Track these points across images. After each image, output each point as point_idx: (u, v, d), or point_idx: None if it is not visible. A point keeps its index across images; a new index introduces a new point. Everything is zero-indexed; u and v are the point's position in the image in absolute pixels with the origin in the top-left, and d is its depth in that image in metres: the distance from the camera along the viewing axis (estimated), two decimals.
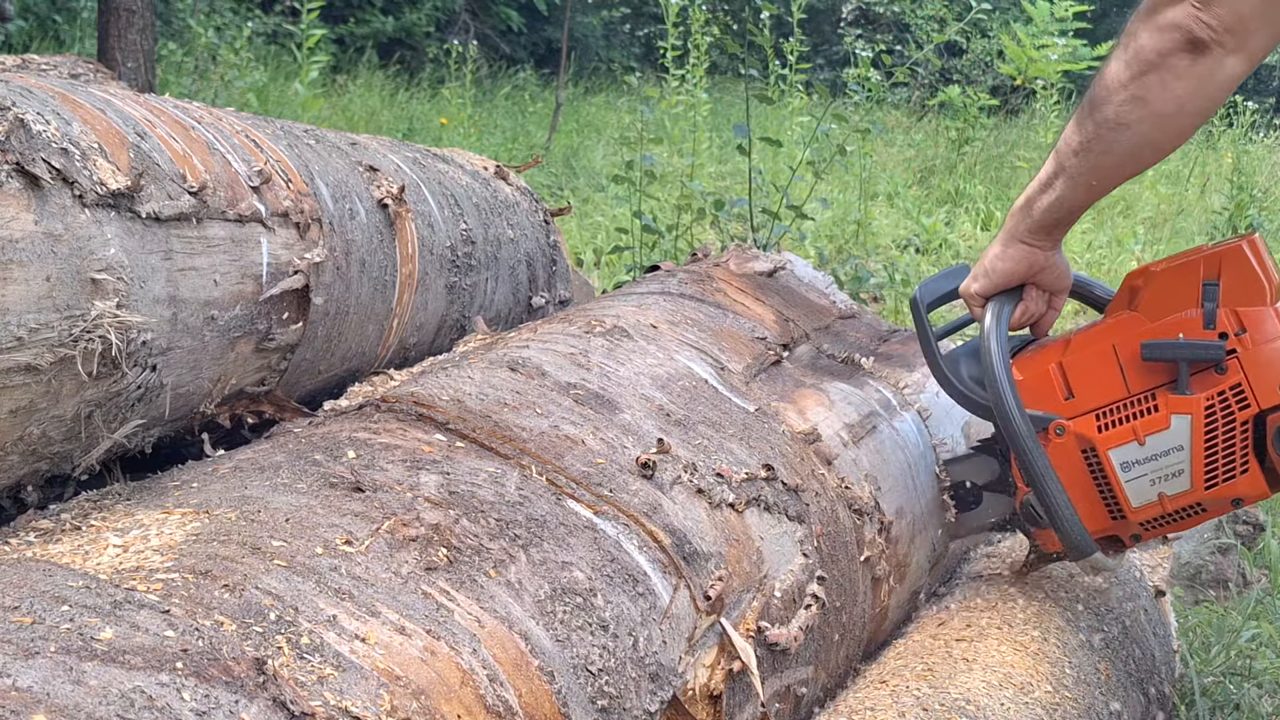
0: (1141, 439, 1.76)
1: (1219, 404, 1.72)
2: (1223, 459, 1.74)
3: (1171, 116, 1.60)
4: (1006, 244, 1.82)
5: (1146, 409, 1.76)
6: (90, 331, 1.27)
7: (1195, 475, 1.75)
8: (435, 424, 1.49)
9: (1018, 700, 1.63)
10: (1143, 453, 1.77)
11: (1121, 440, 1.78)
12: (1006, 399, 1.80)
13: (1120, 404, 1.78)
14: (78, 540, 1.18)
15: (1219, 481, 1.75)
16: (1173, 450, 1.75)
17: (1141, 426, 1.76)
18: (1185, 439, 1.74)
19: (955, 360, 1.95)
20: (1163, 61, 1.56)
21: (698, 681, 1.40)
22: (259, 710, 0.95)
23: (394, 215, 1.93)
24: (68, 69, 1.92)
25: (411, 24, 11.87)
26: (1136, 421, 1.77)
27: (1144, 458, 1.77)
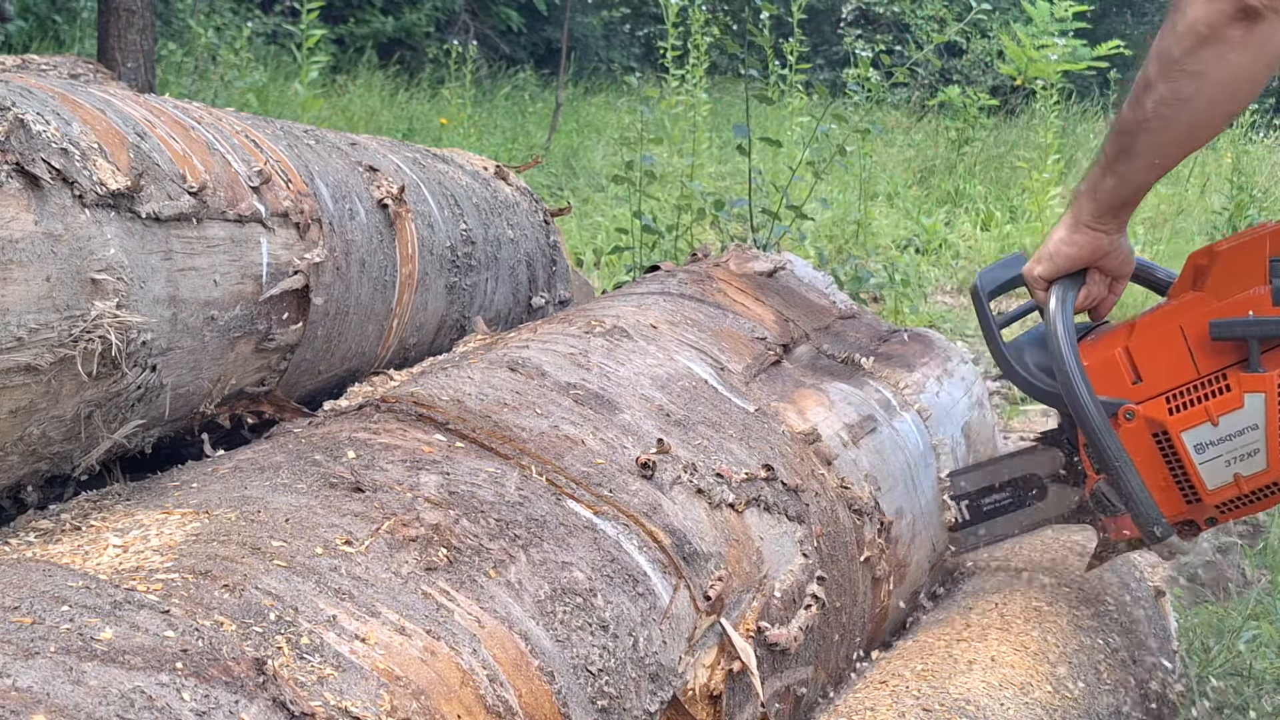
0: (1215, 419, 1.74)
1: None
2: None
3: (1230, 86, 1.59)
4: (1072, 229, 1.81)
5: (1218, 389, 1.75)
6: (90, 332, 1.26)
7: (1272, 454, 1.73)
8: (435, 424, 1.49)
9: (1017, 700, 1.63)
10: (1217, 433, 1.75)
11: (1195, 422, 1.76)
12: (1077, 384, 1.78)
13: (1191, 385, 1.77)
14: (78, 540, 1.18)
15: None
16: (1248, 430, 1.74)
17: (1215, 407, 1.74)
18: (1260, 417, 1.72)
19: (1019, 349, 1.93)
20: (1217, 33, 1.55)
21: (698, 682, 1.40)
22: (259, 710, 0.95)
23: (394, 215, 1.93)
24: (67, 69, 1.92)
25: (411, 24, 11.87)
26: (1209, 402, 1.75)
27: (1218, 438, 1.75)
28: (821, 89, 5.11)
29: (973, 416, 2.42)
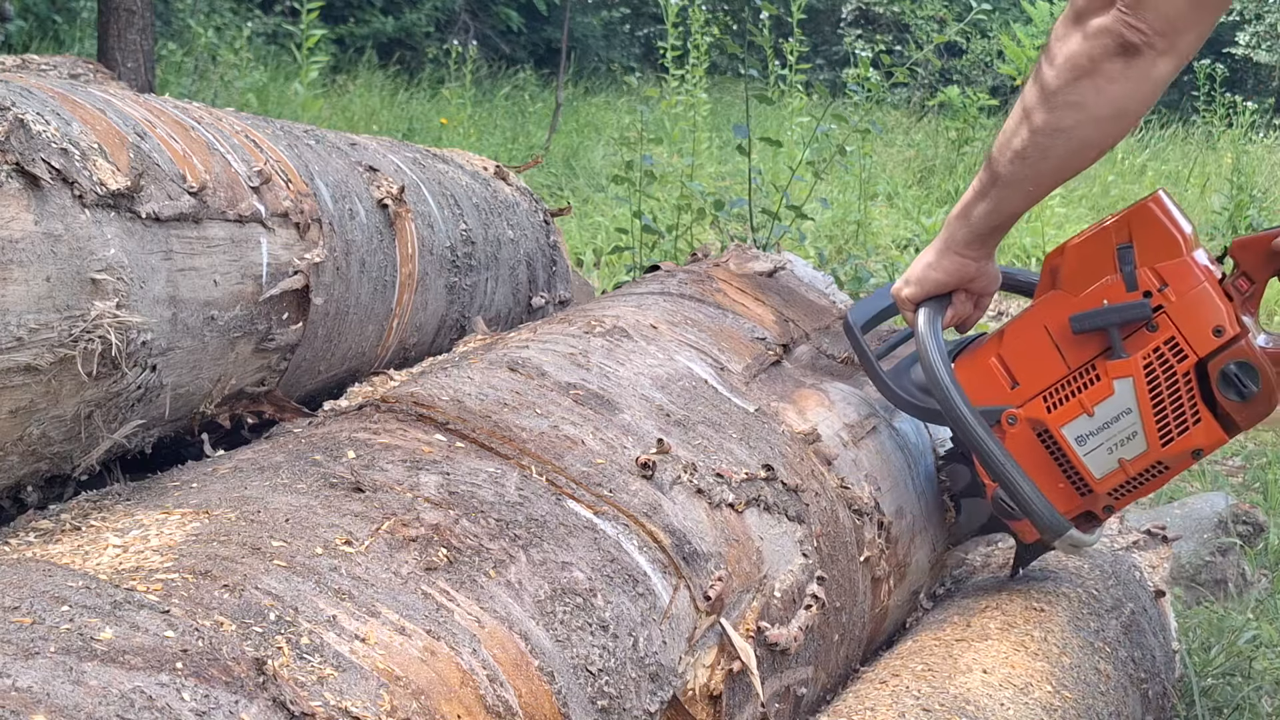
0: (1090, 410, 1.78)
1: (1156, 360, 1.74)
2: (1173, 414, 1.75)
3: (1109, 119, 1.63)
4: (941, 254, 1.86)
5: (1089, 380, 1.78)
6: (90, 332, 1.26)
7: (1149, 435, 1.76)
8: (435, 424, 1.49)
9: (1017, 700, 1.63)
10: (1094, 423, 1.79)
11: (1071, 415, 1.80)
12: (953, 398, 1.82)
13: (1063, 381, 1.81)
14: (77, 540, 1.18)
15: (1174, 436, 1.76)
16: (1122, 415, 1.77)
17: (1088, 398, 1.78)
18: (1131, 401, 1.76)
19: (899, 373, 1.99)
20: (1096, 67, 1.59)
21: (697, 682, 1.40)
22: (259, 710, 0.95)
23: (394, 215, 1.93)
24: (67, 69, 1.92)
25: (411, 24, 11.87)
26: (1082, 394, 1.79)
27: (1096, 428, 1.79)
28: (821, 89, 5.11)
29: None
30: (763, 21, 6.98)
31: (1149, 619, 2.13)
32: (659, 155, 6.50)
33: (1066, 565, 2.12)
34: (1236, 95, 11.37)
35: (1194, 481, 3.91)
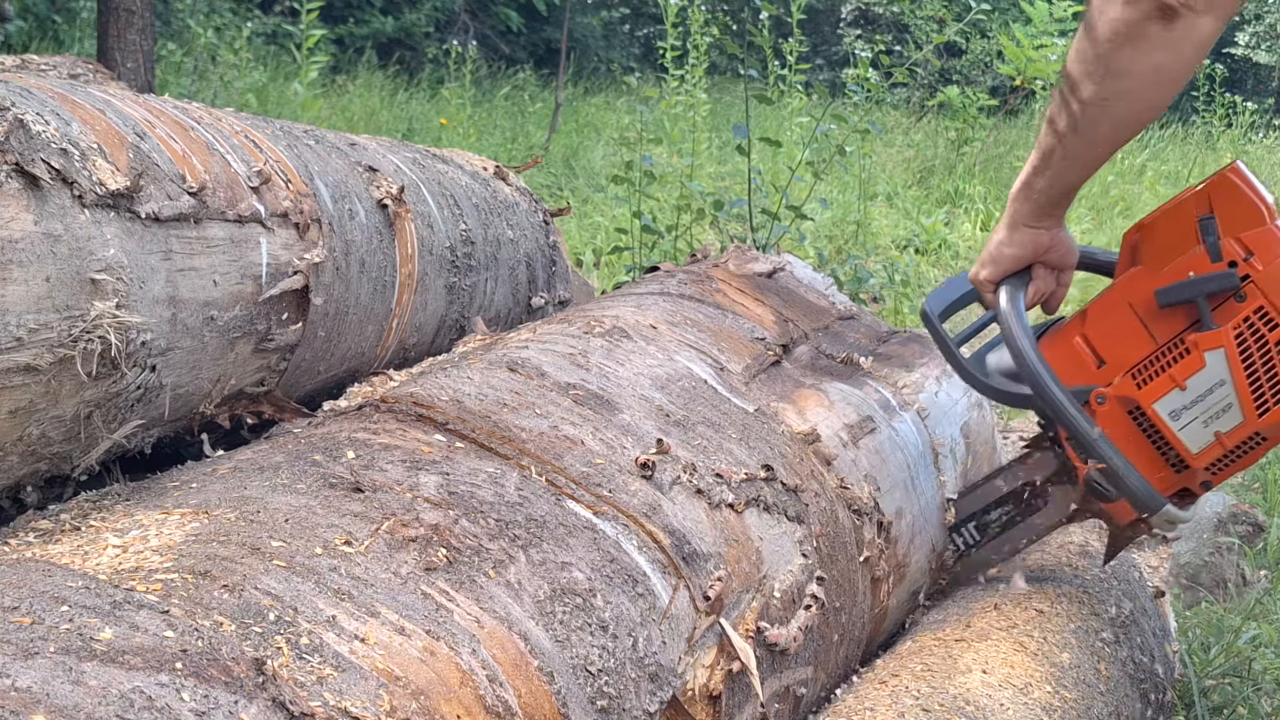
0: (1182, 384, 1.77)
1: (1247, 330, 1.73)
2: (1268, 383, 1.74)
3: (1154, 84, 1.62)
4: (1011, 229, 1.84)
5: (1179, 354, 1.77)
6: (90, 332, 1.26)
7: (1245, 406, 1.75)
8: (435, 424, 1.49)
9: (1017, 701, 1.63)
10: (1187, 397, 1.77)
11: (1163, 391, 1.78)
12: (1043, 377, 1.80)
13: (1152, 357, 1.79)
14: (77, 541, 1.18)
15: (1270, 406, 1.75)
16: (1215, 387, 1.76)
17: (1179, 372, 1.77)
18: (1224, 373, 1.75)
19: (980, 360, 1.95)
20: (1137, 32, 1.58)
21: (697, 682, 1.40)
22: (258, 710, 0.95)
23: (393, 216, 1.93)
24: (67, 69, 1.92)
25: (411, 24, 11.87)
26: (1173, 369, 1.77)
27: (1190, 402, 1.77)
28: (821, 89, 5.11)
29: (972, 417, 2.42)
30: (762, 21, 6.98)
31: (1149, 619, 2.13)
32: (658, 155, 6.50)
33: (1067, 566, 2.12)
34: (1236, 95, 11.38)
35: None
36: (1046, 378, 1.80)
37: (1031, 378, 1.81)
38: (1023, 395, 1.87)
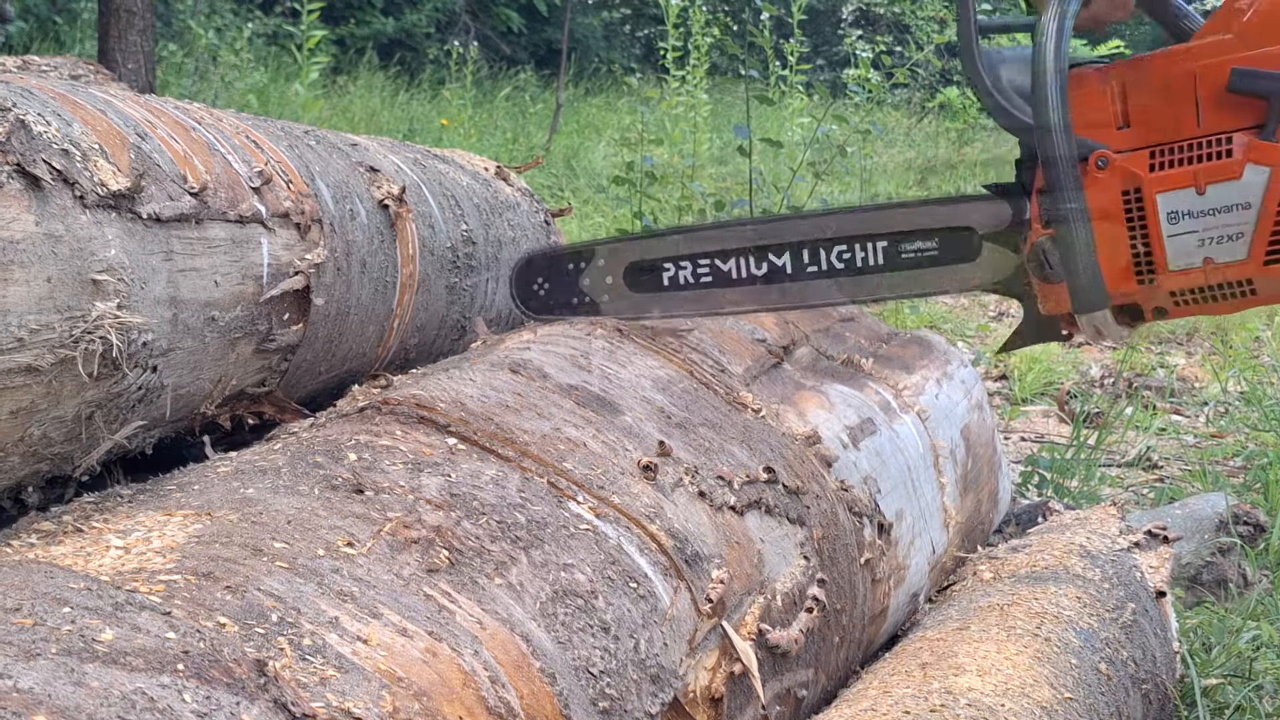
0: (1202, 187, 1.49)
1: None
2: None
3: None
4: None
5: (1218, 153, 1.49)
6: (91, 332, 1.26)
7: (1256, 243, 1.49)
8: (437, 426, 1.49)
9: (1018, 701, 1.63)
10: (1200, 204, 1.50)
11: (1176, 184, 1.51)
12: (1054, 111, 1.52)
13: (1185, 144, 1.51)
14: (79, 542, 1.18)
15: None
16: (1238, 207, 1.49)
17: (1205, 172, 1.49)
18: (1257, 196, 1.48)
19: (997, 61, 1.65)
20: None
21: (699, 684, 1.40)
22: (260, 712, 0.95)
23: (395, 216, 1.93)
24: (68, 70, 1.92)
25: (412, 25, 11.87)
26: (1201, 165, 1.50)
27: (1200, 210, 1.50)
28: (822, 89, 5.12)
29: (972, 419, 2.42)
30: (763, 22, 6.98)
31: (1150, 619, 2.13)
32: (659, 156, 6.50)
33: (1068, 566, 2.12)
34: None
35: (1195, 482, 3.91)
36: (1058, 110, 1.52)
37: (1039, 102, 1.54)
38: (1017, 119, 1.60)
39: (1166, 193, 1.52)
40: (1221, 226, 1.50)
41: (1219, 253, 1.51)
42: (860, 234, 1.82)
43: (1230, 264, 1.51)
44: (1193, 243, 1.52)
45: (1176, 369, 5.62)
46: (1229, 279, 1.52)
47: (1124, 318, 1.61)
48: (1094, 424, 4.27)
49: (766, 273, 1.86)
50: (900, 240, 1.79)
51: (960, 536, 2.30)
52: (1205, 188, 1.49)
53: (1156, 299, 1.58)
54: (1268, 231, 1.48)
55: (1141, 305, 1.60)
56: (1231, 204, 1.49)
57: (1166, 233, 1.52)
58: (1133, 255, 1.56)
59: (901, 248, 1.80)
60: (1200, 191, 1.50)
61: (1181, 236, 1.52)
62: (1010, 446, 4.26)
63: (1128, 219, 1.55)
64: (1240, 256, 1.50)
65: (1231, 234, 1.50)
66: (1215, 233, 1.51)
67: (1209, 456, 4.26)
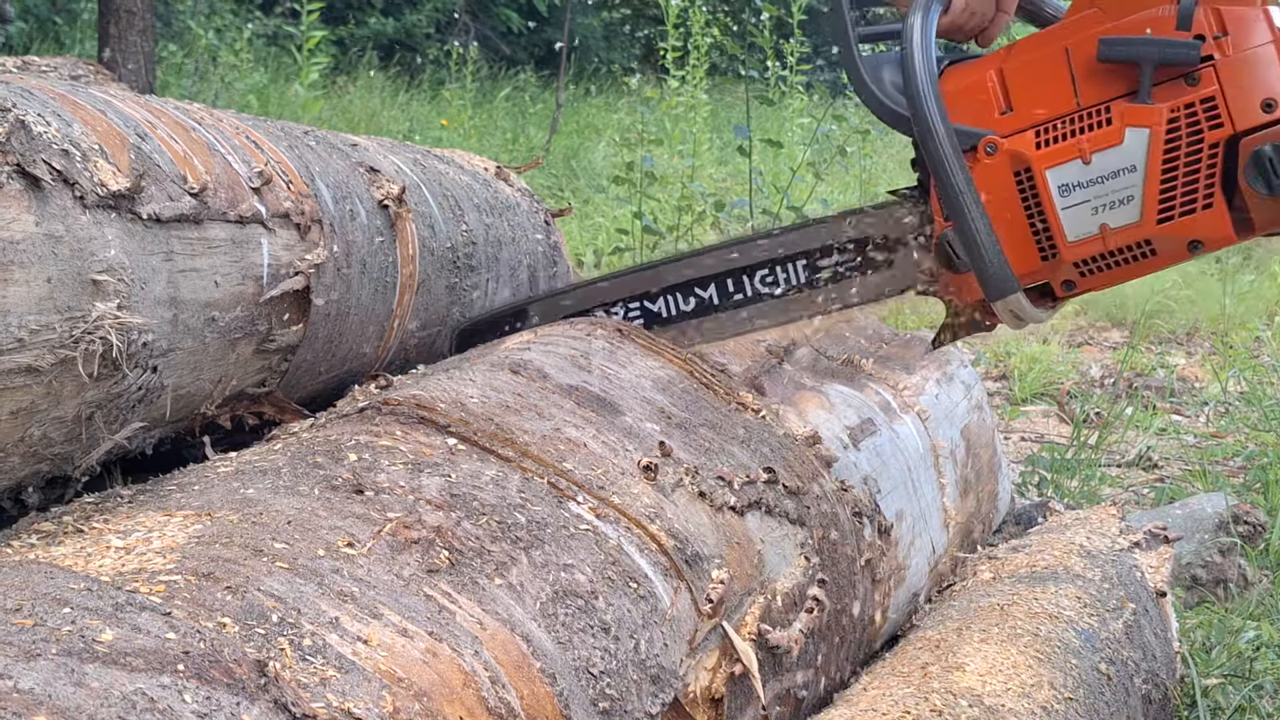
0: (1087, 156, 1.52)
1: (1185, 118, 1.49)
2: (1183, 187, 1.50)
3: None
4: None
5: (1098, 122, 1.52)
6: (91, 333, 1.26)
7: (1147, 204, 1.51)
8: (437, 427, 1.49)
9: (1018, 701, 1.63)
10: (1088, 173, 1.52)
11: (1064, 158, 1.54)
12: (927, 104, 1.55)
13: (1068, 118, 1.54)
14: (80, 543, 1.18)
15: (1175, 215, 1.51)
16: (1124, 171, 1.51)
17: (1089, 142, 1.52)
18: (1140, 158, 1.50)
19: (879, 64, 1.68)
20: None
21: (699, 684, 1.40)
22: (260, 712, 0.95)
23: (395, 216, 1.93)
24: (68, 71, 1.92)
25: (411, 25, 11.88)
26: (1084, 136, 1.52)
27: (1089, 179, 1.53)
28: (822, 89, 5.12)
29: (972, 419, 2.42)
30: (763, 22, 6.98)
31: (1150, 619, 2.13)
32: (659, 156, 6.50)
33: (1068, 566, 2.12)
34: None
35: (1195, 482, 3.91)
36: (931, 106, 1.54)
37: (914, 102, 1.56)
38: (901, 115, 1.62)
39: (1055, 167, 1.54)
40: (1112, 192, 1.53)
41: (1113, 218, 1.53)
42: (782, 256, 1.86)
43: (1125, 227, 1.53)
44: (1087, 212, 1.54)
45: (1176, 369, 5.62)
46: (1127, 242, 1.55)
47: (1039, 298, 1.64)
48: (1094, 424, 4.27)
49: (695, 307, 1.91)
50: (820, 257, 1.83)
51: (960, 536, 2.30)
52: (1091, 157, 1.52)
53: (1062, 272, 1.60)
54: (1156, 191, 1.51)
55: (1051, 282, 1.62)
56: (1118, 169, 1.52)
57: (1060, 205, 1.55)
58: (1033, 233, 1.58)
59: (821, 264, 1.84)
60: (1087, 161, 1.52)
61: (1075, 207, 1.55)
62: (1010, 446, 4.26)
63: (1023, 199, 1.58)
64: (1134, 219, 1.53)
65: (1122, 198, 1.52)
66: (1107, 199, 1.53)
67: (1209, 456, 4.26)
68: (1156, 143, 1.50)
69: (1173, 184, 1.51)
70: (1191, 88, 1.49)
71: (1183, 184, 1.51)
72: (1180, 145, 1.50)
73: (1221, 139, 1.49)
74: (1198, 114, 1.49)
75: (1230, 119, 1.48)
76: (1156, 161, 1.50)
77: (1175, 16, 1.49)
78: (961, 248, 1.58)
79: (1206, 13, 1.49)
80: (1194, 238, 1.53)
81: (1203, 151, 1.49)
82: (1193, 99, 1.49)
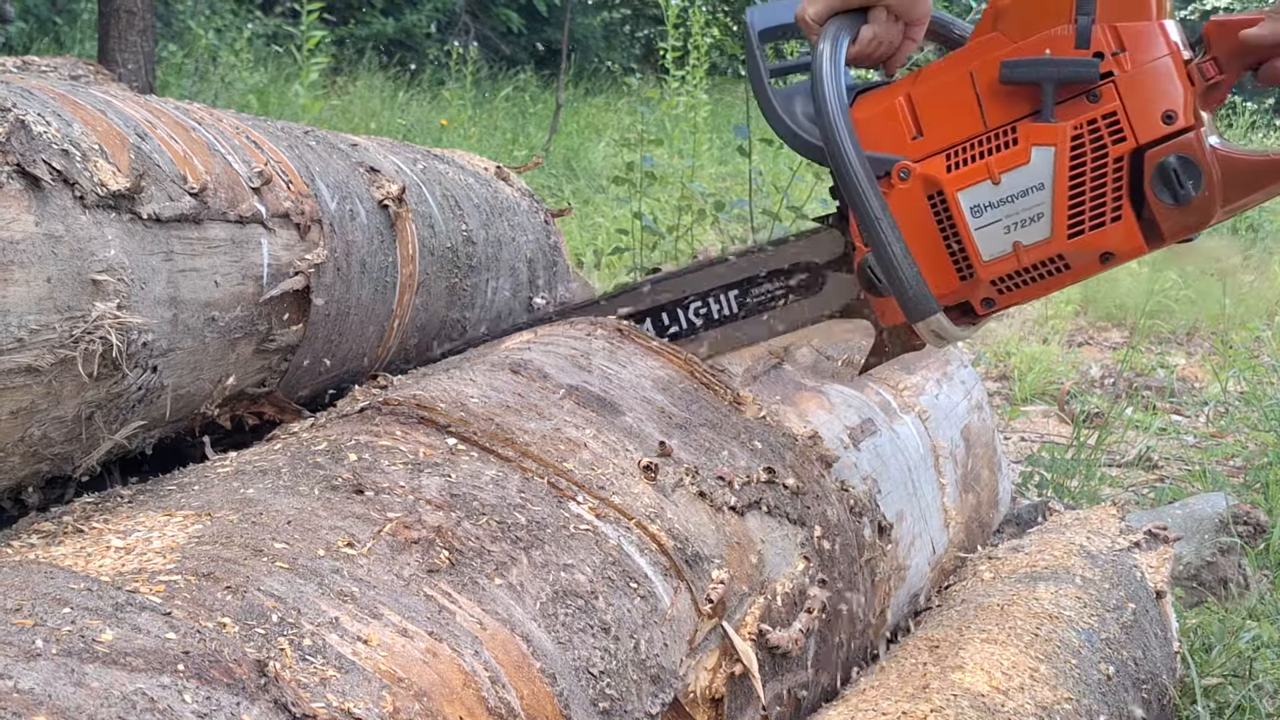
0: (996, 177, 1.54)
1: (1088, 134, 1.52)
2: (1090, 202, 1.53)
3: None
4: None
5: (1005, 143, 1.55)
6: (91, 333, 1.26)
7: (1057, 220, 1.54)
8: (437, 427, 1.49)
9: (1019, 700, 1.63)
10: (997, 193, 1.55)
11: (974, 179, 1.56)
12: (839, 132, 1.56)
13: (976, 140, 1.57)
14: (80, 543, 1.18)
15: (1085, 229, 1.53)
16: (1032, 189, 1.54)
17: (997, 163, 1.54)
18: (1047, 175, 1.53)
19: (790, 96, 1.70)
20: None
21: (699, 684, 1.40)
22: (260, 712, 0.95)
23: (395, 216, 1.93)
24: (68, 71, 1.92)
25: (412, 25, 11.89)
26: (992, 158, 1.55)
27: (999, 199, 1.55)
28: None
29: (972, 419, 2.42)
30: None
31: (1150, 619, 2.13)
32: (659, 156, 6.51)
33: (1068, 566, 2.12)
34: (1235, 96, 11.38)
35: (1195, 482, 3.91)
36: (843, 135, 1.56)
37: (826, 131, 1.57)
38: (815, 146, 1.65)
39: (966, 189, 1.57)
40: (1022, 210, 1.55)
41: (1025, 235, 1.56)
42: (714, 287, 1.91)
43: (1038, 244, 1.56)
44: (999, 231, 1.57)
45: (1176, 369, 5.63)
46: (1040, 258, 1.57)
47: (960, 316, 1.67)
48: (1094, 424, 4.27)
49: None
50: (750, 286, 1.88)
51: (960, 537, 2.31)
52: (1000, 177, 1.55)
53: (981, 291, 1.63)
54: (1064, 207, 1.53)
55: (971, 300, 1.65)
56: (1026, 188, 1.54)
57: (973, 226, 1.57)
58: (949, 255, 1.61)
59: (751, 293, 1.88)
60: (996, 182, 1.55)
61: (988, 227, 1.57)
62: (1010, 446, 4.26)
63: (938, 221, 1.60)
64: (1045, 235, 1.55)
65: (1033, 216, 1.55)
66: (1018, 217, 1.56)
67: (1209, 456, 4.26)
68: (1062, 160, 1.53)
69: (1081, 199, 1.53)
70: (1093, 104, 1.51)
71: (1090, 198, 1.53)
72: (1086, 161, 1.53)
73: (1126, 152, 1.52)
74: (1100, 129, 1.52)
75: (1133, 132, 1.51)
76: (1063, 178, 1.53)
77: (1074, 35, 1.51)
78: (881, 272, 1.61)
79: (1104, 30, 1.51)
80: (1105, 250, 1.55)
81: (1108, 166, 1.52)
82: (1095, 115, 1.52)
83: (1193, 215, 1.52)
